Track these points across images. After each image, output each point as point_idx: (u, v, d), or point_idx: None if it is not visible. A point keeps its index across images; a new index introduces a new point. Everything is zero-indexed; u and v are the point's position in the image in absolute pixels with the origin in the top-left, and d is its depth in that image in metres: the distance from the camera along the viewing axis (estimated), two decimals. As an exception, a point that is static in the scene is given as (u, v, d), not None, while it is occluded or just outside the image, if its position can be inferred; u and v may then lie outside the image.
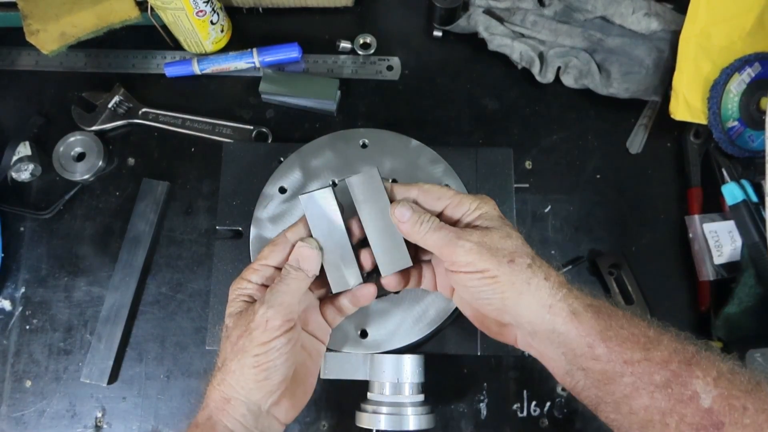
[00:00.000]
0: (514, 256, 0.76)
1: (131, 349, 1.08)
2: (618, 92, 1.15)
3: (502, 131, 1.18)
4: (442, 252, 0.78)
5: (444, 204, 0.82)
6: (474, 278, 0.76)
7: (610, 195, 1.14)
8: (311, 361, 0.86)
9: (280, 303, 0.77)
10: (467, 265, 0.76)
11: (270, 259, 0.82)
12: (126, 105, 1.18)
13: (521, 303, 0.75)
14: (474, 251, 0.76)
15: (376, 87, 1.21)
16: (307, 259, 0.81)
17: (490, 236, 0.77)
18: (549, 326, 0.75)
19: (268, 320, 0.76)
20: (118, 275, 1.09)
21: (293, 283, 0.79)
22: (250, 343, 0.76)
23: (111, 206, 1.14)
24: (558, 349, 0.75)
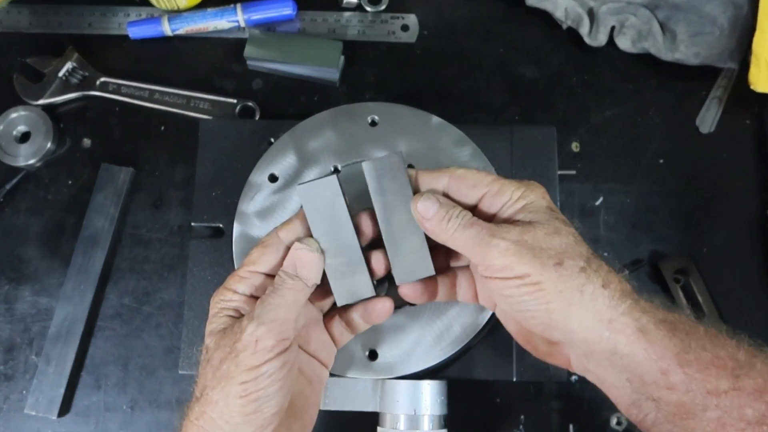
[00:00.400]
0: (563, 257, 0.74)
1: (87, 373, 1.08)
2: (685, 57, 1.15)
3: (543, 106, 1.18)
4: (474, 254, 0.77)
5: (480, 192, 0.80)
6: (512, 286, 0.75)
7: (676, 184, 1.14)
8: (311, 389, 0.85)
9: (273, 319, 0.75)
10: (503, 269, 0.75)
11: (260, 264, 0.81)
12: (80, 74, 1.18)
13: (572, 316, 0.74)
14: (511, 252, 0.74)
15: (388, 51, 1.21)
16: (306, 265, 0.80)
17: (533, 233, 0.75)
18: (609, 346, 0.73)
19: (258, 340, 0.74)
20: (70, 283, 1.08)
21: (289, 294, 0.78)
22: (236, 367, 0.74)
23: (62, 198, 1.14)
24: (621, 374, 0.73)
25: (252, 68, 1.19)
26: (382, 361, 0.93)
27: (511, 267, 0.74)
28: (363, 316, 0.86)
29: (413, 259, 0.83)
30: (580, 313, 0.73)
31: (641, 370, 0.72)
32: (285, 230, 0.82)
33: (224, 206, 1.02)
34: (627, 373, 0.73)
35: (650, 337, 0.72)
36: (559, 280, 0.73)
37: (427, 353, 0.93)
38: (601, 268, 0.75)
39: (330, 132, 1.01)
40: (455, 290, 0.88)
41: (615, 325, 0.73)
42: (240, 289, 0.81)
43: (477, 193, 0.80)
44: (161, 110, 1.17)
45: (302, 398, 0.84)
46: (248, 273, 0.81)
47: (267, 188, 0.99)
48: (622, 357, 0.73)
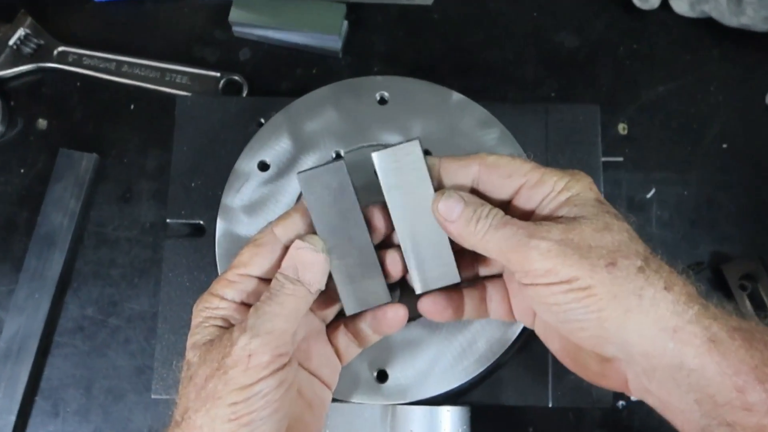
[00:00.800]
0: (616, 256, 0.74)
1: (42, 398, 1.08)
2: (753, 23, 1.14)
3: (584, 80, 1.18)
4: (510, 258, 0.76)
5: (517, 184, 0.80)
6: (557, 292, 0.74)
7: (743, 174, 1.14)
8: (311, 414, 0.84)
9: (270, 330, 0.75)
10: (546, 273, 0.74)
11: (252, 267, 0.81)
12: (34, 42, 1.19)
13: (629, 326, 0.72)
14: (554, 253, 0.73)
15: (401, 15, 1.21)
16: (309, 267, 0.79)
17: (580, 230, 0.75)
18: (674, 360, 0.72)
19: (251, 355, 0.74)
20: (23, 290, 1.09)
21: (289, 301, 0.77)
22: (224, 386, 0.73)
23: (13, 189, 1.15)
24: (688, 394, 0.72)
25: (238, 35, 1.19)
26: (393, 383, 0.93)
27: (556, 270, 0.73)
28: (372, 325, 0.86)
29: (435, 264, 0.83)
30: (639, 321, 0.72)
31: (713, 389, 0.71)
32: (282, 226, 0.81)
33: (205, 199, 1.02)
34: (695, 392, 0.71)
35: (723, 349, 0.70)
36: (613, 283, 0.72)
37: (447, 374, 0.93)
38: (661, 268, 0.74)
39: (331, 111, 1.01)
40: (485, 305, 0.88)
41: (681, 335, 0.71)
42: (228, 295, 0.80)
43: (513, 185, 0.80)
44: (131, 85, 1.18)
45: (301, 425, 0.83)
46: (238, 277, 0.80)
47: (256, 178, 0.99)
48: (689, 373, 0.71)
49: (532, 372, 0.96)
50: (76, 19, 1.20)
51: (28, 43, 1.18)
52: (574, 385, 0.90)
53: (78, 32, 1.20)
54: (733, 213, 1.12)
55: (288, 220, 0.82)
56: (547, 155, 1.03)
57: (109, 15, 1.21)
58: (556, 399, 0.96)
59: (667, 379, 0.72)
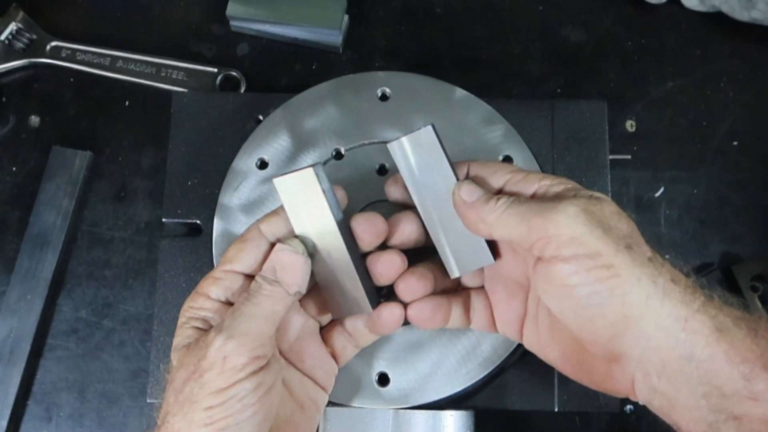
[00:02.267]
0: (631, 241, 0.74)
1: (35, 402, 1.08)
2: (765, 17, 1.14)
3: (591, 76, 1.18)
4: (532, 227, 0.76)
5: (502, 180, 0.82)
6: (579, 270, 0.73)
7: (754, 172, 1.14)
8: (302, 415, 0.84)
9: (246, 332, 0.75)
10: (571, 242, 0.73)
11: (237, 263, 0.81)
12: (27, 36, 1.18)
13: (648, 315, 0.72)
14: (581, 220, 0.73)
15: (403, 9, 1.21)
16: (287, 269, 0.79)
17: (600, 206, 0.75)
18: (685, 351, 0.72)
19: (226, 357, 0.73)
20: (15, 291, 1.09)
21: (266, 302, 0.77)
22: (200, 389, 0.74)
23: (5, 188, 1.15)
24: (697, 388, 0.72)
25: (236, 30, 1.19)
26: (394, 387, 0.93)
27: (582, 240, 0.73)
28: (368, 325, 0.86)
29: (467, 246, 0.83)
30: (656, 309, 0.72)
31: (721, 379, 0.71)
32: (267, 223, 0.82)
33: (202, 198, 1.02)
34: (704, 385, 0.71)
35: (730, 337, 0.71)
36: (634, 266, 0.72)
37: (450, 378, 0.93)
38: (665, 263, 0.75)
39: (331, 108, 1.01)
40: (468, 314, 0.88)
41: (691, 324, 0.71)
42: (214, 294, 0.80)
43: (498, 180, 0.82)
44: (125, 81, 1.17)
45: (290, 426, 0.83)
46: (223, 273, 0.81)
47: (254, 176, 0.99)
48: (698, 364, 0.71)
49: (538, 376, 0.96)
50: (69, 14, 1.20)
51: (20, 38, 1.17)
52: (581, 389, 0.90)
53: (71, 27, 1.19)
54: (744, 212, 1.12)
55: (273, 218, 0.83)
56: (553, 153, 1.02)
57: (103, 9, 1.21)
58: (562, 403, 0.96)
59: (677, 373, 0.72)
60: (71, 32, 1.19)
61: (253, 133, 1.01)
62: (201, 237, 1.01)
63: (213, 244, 0.98)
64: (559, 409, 0.96)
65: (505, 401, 0.96)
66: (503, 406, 0.96)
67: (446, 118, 1.00)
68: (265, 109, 1.03)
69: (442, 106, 1.01)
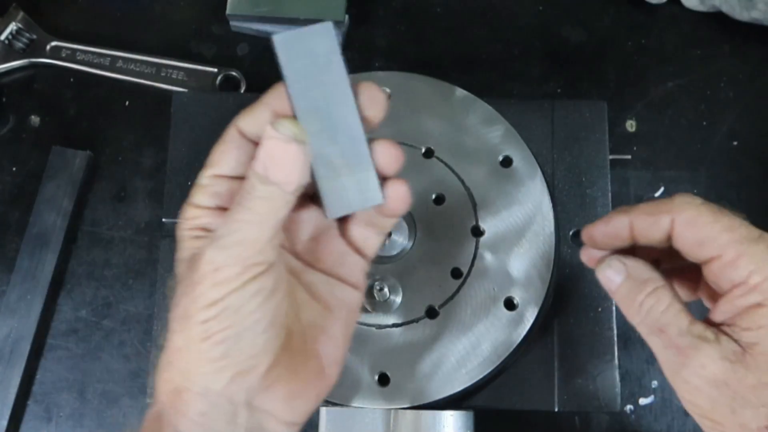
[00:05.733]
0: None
1: (35, 402, 1.08)
2: (765, 17, 1.14)
3: (591, 76, 1.18)
4: (663, 364, 0.70)
5: (708, 255, 0.69)
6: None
7: (755, 171, 1.14)
8: (331, 318, 0.77)
9: (239, 241, 0.67)
10: (693, 410, 0.69)
11: (220, 166, 0.72)
12: (27, 36, 1.19)
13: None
14: (704, 395, 0.67)
15: (403, 9, 1.21)
16: (280, 163, 0.67)
17: (745, 372, 0.66)
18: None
19: (217, 269, 0.67)
20: (14, 291, 1.09)
21: (260, 206, 0.68)
22: (193, 304, 0.68)
23: (4, 188, 1.15)
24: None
25: (236, 30, 1.19)
26: (394, 386, 0.93)
27: (699, 411, 0.68)
28: (377, 210, 0.73)
29: (352, 181, 0.70)
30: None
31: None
32: (246, 118, 0.71)
33: (202, 198, 1.01)
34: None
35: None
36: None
37: (450, 377, 0.93)
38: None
39: (331, 107, 1.01)
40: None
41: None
42: (203, 202, 0.72)
43: (703, 254, 0.70)
44: (125, 81, 1.18)
45: (317, 330, 0.76)
46: (208, 179, 0.72)
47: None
48: None
49: (538, 375, 0.97)
50: (69, 14, 1.21)
51: (20, 38, 1.18)
52: (581, 389, 0.90)
53: (71, 27, 1.20)
54: (744, 212, 1.11)
55: (252, 110, 0.72)
56: (553, 153, 1.03)
57: (103, 9, 1.21)
58: (562, 403, 0.96)
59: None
60: (71, 32, 1.19)
61: (253, 132, 1.01)
62: (201, 237, 1.01)
63: (213, 244, 0.97)
64: (559, 409, 0.96)
65: (504, 401, 0.96)
66: (503, 406, 0.96)
67: (445, 118, 1.00)
68: (265, 109, 1.03)
69: (442, 106, 1.01)
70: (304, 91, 0.68)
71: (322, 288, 0.76)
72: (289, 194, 0.67)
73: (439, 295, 0.95)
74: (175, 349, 0.69)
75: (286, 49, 0.68)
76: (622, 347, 0.99)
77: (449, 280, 0.95)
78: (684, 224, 0.69)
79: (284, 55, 0.68)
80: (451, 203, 0.97)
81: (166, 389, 0.70)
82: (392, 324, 0.94)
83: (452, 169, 0.98)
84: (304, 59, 0.68)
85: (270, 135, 0.66)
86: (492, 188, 0.98)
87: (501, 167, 0.99)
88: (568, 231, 1.00)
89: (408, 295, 0.93)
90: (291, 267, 0.74)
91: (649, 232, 0.71)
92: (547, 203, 0.97)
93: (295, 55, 0.68)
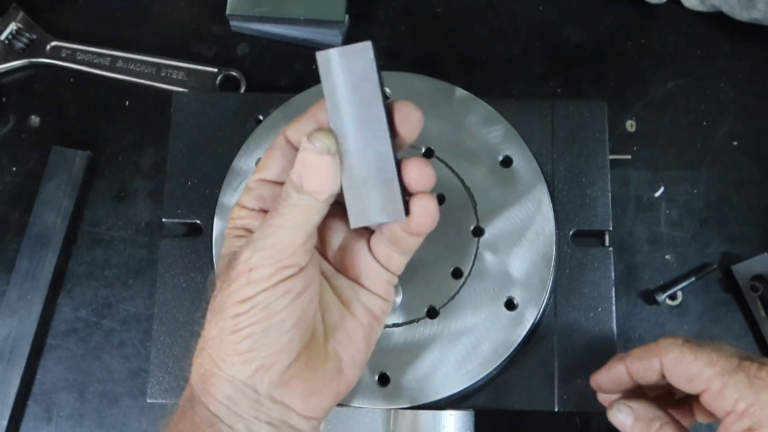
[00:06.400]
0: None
1: (35, 402, 1.08)
2: (765, 17, 1.14)
3: (591, 76, 1.18)
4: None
5: (698, 388, 0.79)
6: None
7: (755, 171, 1.14)
8: (354, 322, 0.81)
9: (273, 245, 0.72)
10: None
11: (266, 171, 0.78)
12: (27, 36, 1.18)
13: None
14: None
15: (404, 9, 1.21)
16: (314, 173, 0.71)
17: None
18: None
19: (252, 269, 0.72)
20: (14, 291, 1.09)
21: (294, 213, 0.72)
22: (228, 298, 0.73)
23: (5, 188, 1.15)
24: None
25: (236, 30, 1.19)
26: (394, 386, 0.93)
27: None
28: (402, 227, 0.76)
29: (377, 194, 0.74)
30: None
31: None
32: (294, 127, 0.76)
33: (202, 198, 1.02)
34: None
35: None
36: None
37: (450, 377, 0.93)
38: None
39: (331, 108, 1.01)
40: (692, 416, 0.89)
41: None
42: (248, 203, 0.78)
43: (693, 388, 0.79)
44: (125, 81, 1.18)
45: (341, 334, 0.80)
46: (254, 182, 0.78)
47: (254, 176, 0.99)
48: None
49: (538, 375, 0.96)
50: (69, 14, 1.21)
51: (20, 38, 1.17)
52: (581, 389, 0.90)
53: (71, 27, 1.20)
54: (744, 212, 1.12)
55: (303, 120, 0.76)
56: (553, 153, 1.03)
57: (103, 9, 1.21)
58: (562, 403, 0.96)
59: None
60: (71, 32, 1.19)
61: (253, 133, 1.01)
62: (201, 237, 1.01)
63: (213, 244, 0.98)
64: (559, 409, 0.96)
65: (505, 401, 0.96)
66: (503, 405, 0.96)
67: (446, 119, 1.00)
68: (265, 109, 1.03)
69: (442, 106, 1.01)
70: (340, 106, 0.72)
71: (348, 293, 0.80)
72: (321, 203, 0.72)
73: (440, 295, 0.95)
74: (208, 337, 0.75)
75: (326, 65, 0.72)
76: (622, 347, 0.99)
77: (449, 280, 0.95)
78: (671, 365, 0.78)
79: (324, 71, 0.72)
80: (451, 203, 0.97)
81: (198, 373, 0.75)
82: (392, 324, 0.94)
83: (452, 169, 0.98)
84: (342, 75, 0.71)
85: (305, 147, 0.71)
86: (492, 188, 0.98)
87: (501, 167, 0.99)
88: (568, 231, 1.00)
89: (408, 295, 0.93)
90: (323, 269, 0.79)
91: (644, 374, 0.81)
92: (547, 203, 0.97)
93: (335, 71, 0.71)
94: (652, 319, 1.07)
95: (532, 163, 0.99)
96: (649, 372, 0.81)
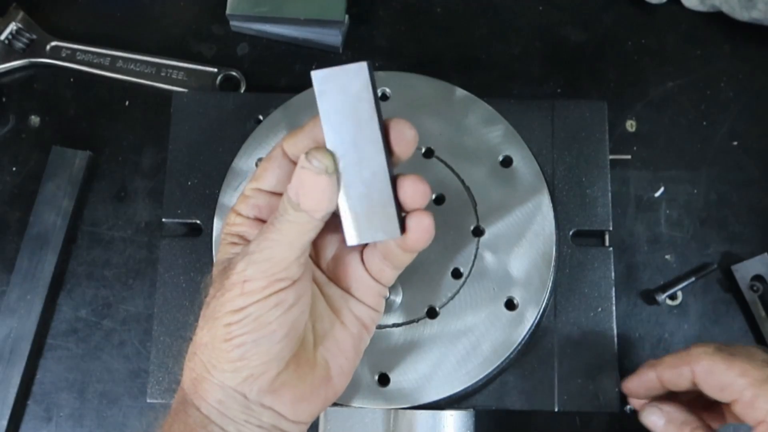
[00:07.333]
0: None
1: (35, 402, 1.08)
2: (765, 17, 1.14)
3: (591, 76, 1.18)
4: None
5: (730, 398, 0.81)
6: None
7: (754, 172, 1.14)
8: (344, 332, 0.82)
9: (268, 258, 0.73)
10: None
11: (262, 180, 0.79)
12: (27, 36, 1.18)
13: None
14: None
15: (404, 9, 1.21)
16: (310, 192, 0.72)
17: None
18: None
19: (246, 281, 0.73)
20: (14, 291, 1.08)
21: (290, 229, 0.73)
22: (221, 307, 0.74)
23: (4, 188, 1.15)
24: None
25: (236, 30, 1.19)
26: (394, 386, 0.93)
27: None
28: (399, 243, 0.77)
29: (374, 213, 0.74)
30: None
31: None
32: (290, 141, 0.77)
33: (202, 198, 1.02)
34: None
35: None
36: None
37: (450, 378, 0.93)
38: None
39: (331, 108, 1.01)
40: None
41: None
42: (243, 211, 0.79)
43: (726, 397, 0.80)
44: (125, 81, 1.17)
45: (331, 342, 0.81)
46: (251, 191, 0.79)
47: (254, 176, 0.99)
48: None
49: (538, 375, 0.97)
50: (69, 14, 1.20)
51: (20, 38, 1.17)
52: (581, 389, 0.90)
53: (71, 27, 1.19)
54: (744, 212, 1.12)
55: (299, 134, 0.76)
56: (553, 153, 1.03)
57: (103, 9, 1.21)
58: (562, 403, 0.96)
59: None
60: (71, 32, 1.19)
61: (253, 133, 1.01)
62: (201, 237, 1.01)
63: (213, 244, 0.98)
64: (559, 409, 0.96)
65: (505, 401, 0.96)
66: (503, 405, 0.96)
67: (446, 118, 1.00)
68: (265, 109, 1.03)
69: (442, 106, 1.01)
70: (336, 125, 0.72)
71: (339, 302, 0.81)
72: (317, 221, 0.73)
73: (440, 295, 0.95)
74: (200, 343, 0.76)
75: (322, 84, 0.72)
76: (622, 347, 0.99)
77: (449, 280, 0.95)
78: (703, 373, 0.79)
79: (320, 90, 0.72)
80: (451, 203, 0.97)
81: (190, 376, 0.77)
82: (392, 324, 0.94)
83: (452, 169, 0.98)
84: (338, 95, 0.72)
85: (303, 165, 0.71)
86: (492, 188, 0.98)
87: (501, 167, 0.99)
88: (568, 231, 1.00)
89: (408, 295, 0.93)
90: (315, 277, 0.80)
91: (676, 381, 0.83)
92: (547, 203, 0.97)
93: (331, 90, 0.72)
94: (652, 319, 1.07)
95: (532, 163, 0.99)
96: (681, 380, 0.82)
